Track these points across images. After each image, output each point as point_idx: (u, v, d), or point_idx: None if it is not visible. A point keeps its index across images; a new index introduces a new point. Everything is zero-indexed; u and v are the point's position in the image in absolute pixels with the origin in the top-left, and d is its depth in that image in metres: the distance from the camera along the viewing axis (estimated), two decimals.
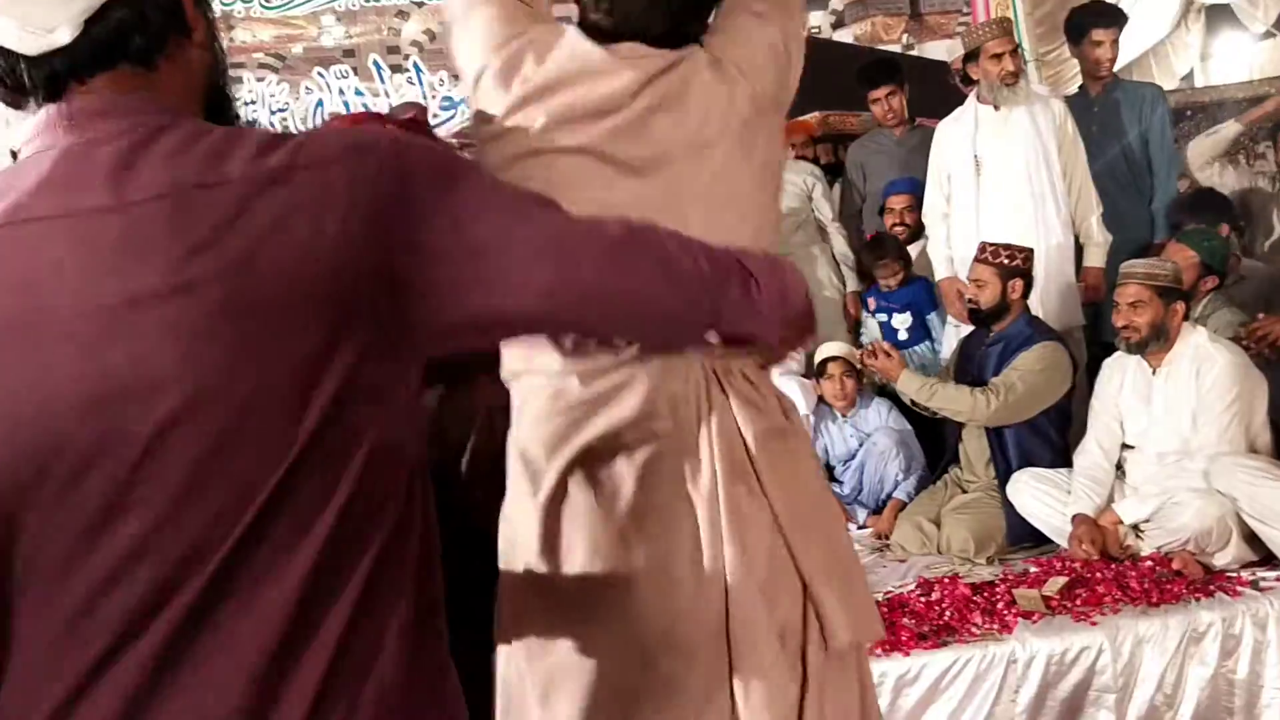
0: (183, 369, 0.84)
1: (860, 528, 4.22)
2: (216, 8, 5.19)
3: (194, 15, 0.98)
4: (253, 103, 5.87)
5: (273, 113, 5.90)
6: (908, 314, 4.69)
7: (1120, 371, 3.62)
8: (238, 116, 1.07)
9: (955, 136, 4.43)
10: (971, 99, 4.43)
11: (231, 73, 5.07)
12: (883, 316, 4.78)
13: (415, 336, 0.92)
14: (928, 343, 4.71)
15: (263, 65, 5.94)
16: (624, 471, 1.41)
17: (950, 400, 3.88)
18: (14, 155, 3.13)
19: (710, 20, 1.57)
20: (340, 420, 0.88)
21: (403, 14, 6.04)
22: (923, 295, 4.72)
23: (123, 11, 0.91)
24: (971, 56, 4.39)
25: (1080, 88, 4.87)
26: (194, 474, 0.85)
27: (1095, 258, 4.34)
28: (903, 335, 4.65)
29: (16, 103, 0.93)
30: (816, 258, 5.12)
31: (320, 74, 6.00)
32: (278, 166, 0.88)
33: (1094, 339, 4.36)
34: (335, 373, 0.87)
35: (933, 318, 4.70)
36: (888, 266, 4.68)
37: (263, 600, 0.86)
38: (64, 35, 0.89)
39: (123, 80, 0.92)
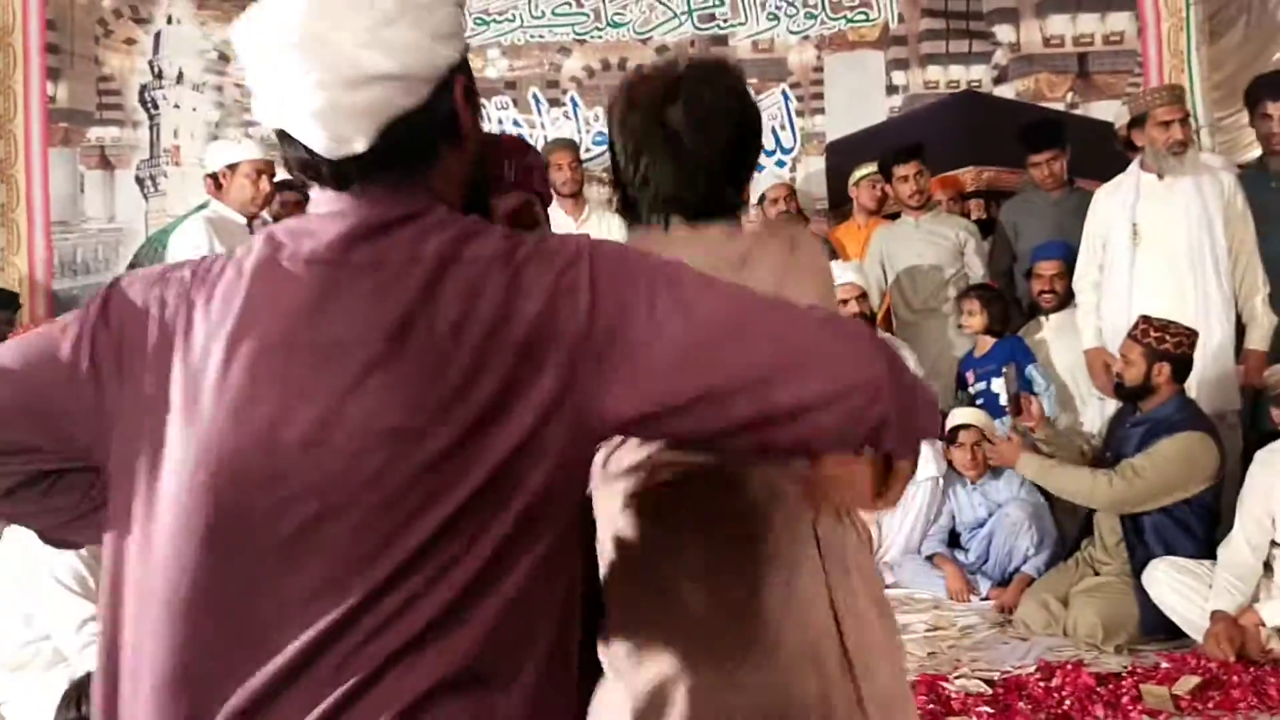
0: (383, 415, 0.97)
1: (983, 599, 4.10)
2: None
3: (467, 123, 1.10)
4: None
5: None
6: (1000, 378, 4.50)
7: (1273, 466, 3.42)
8: (488, 202, 1.24)
9: (1114, 203, 4.27)
10: (1134, 166, 4.27)
11: None
12: (981, 385, 4.63)
13: (596, 406, 1.00)
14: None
15: None
16: None
17: (1069, 482, 3.78)
18: (214, 178, 3.38)
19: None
20: (510, 472, 0.98)
21: (564, 50, 6.20)
22: (1016, 351, 4.52)
23: (406, 128, 1.03)
24: (1137, 122, 4.23)
25: (1258, 160, 4.65)
26: (375, 513, 0.97)
27: (1258, 340, 4.11)
28: (1004, 400, 4.46)
29: (305, 184, 1.09)
30: None
31: (482, 104, 6.20)
32: (497, 254, 1.02)
33: (1252, 424, 4.13)
34: (511, 432, 0.98)
35: (1033, 370, 4.48)
36: (968, 304, 4.58)
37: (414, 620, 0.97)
38: (360, 145, 1.02)
39: (395, 176, 1.05)
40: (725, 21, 6.26)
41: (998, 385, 4.51)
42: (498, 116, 6.22)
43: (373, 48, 0.99)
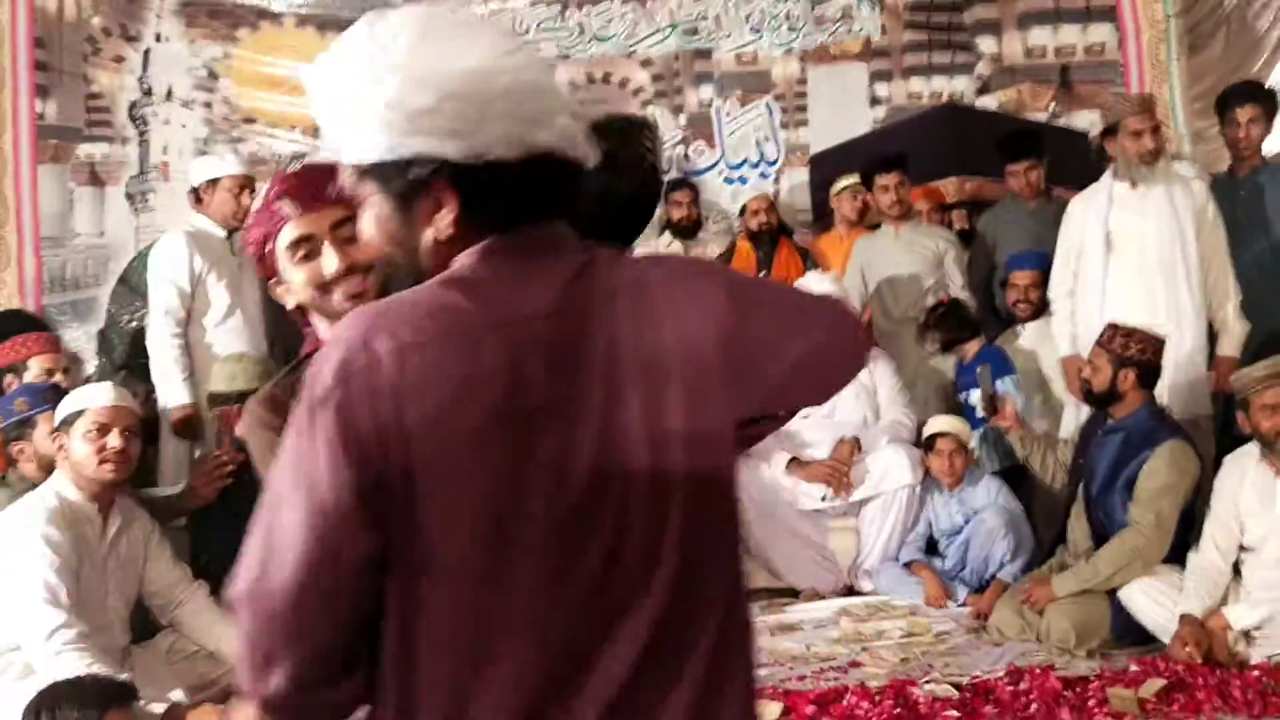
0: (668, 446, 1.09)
1: (959, 605, 4.12)
2: None
3: None
4: None
5: None
6: (976, 390, 4.51)
7: (1241, 470, 3.45)
8: None
9: (1088, 212, 4.30)
10: (1108, 175, 4.31)
11: None
12: (963, 395, 4.66)
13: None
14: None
15: None
16: None
17: (1114, 563, 3.57)
18: (195, 191, 3.40)
19: None
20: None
21: (550, 66, 6.25)
22: (994, 363, 4.53)
23: None
24: (1110, 131, 4.28)
25: (1229, 168, 4.70)
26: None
27: (1229, 346, 4.14)
28: (980, 413, 4.47)
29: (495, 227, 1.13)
30: None
31: None
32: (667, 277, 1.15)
33: (1223, 430, 4.15)
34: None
35: (1005, 382, 4.47)
36: (927, 333, 4.66)
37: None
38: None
39: None
40: (709, 35, 6.32)
41: (975, 397, 4.53)
42: None
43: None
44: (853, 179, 5.39)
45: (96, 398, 3.09)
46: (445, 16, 1.07)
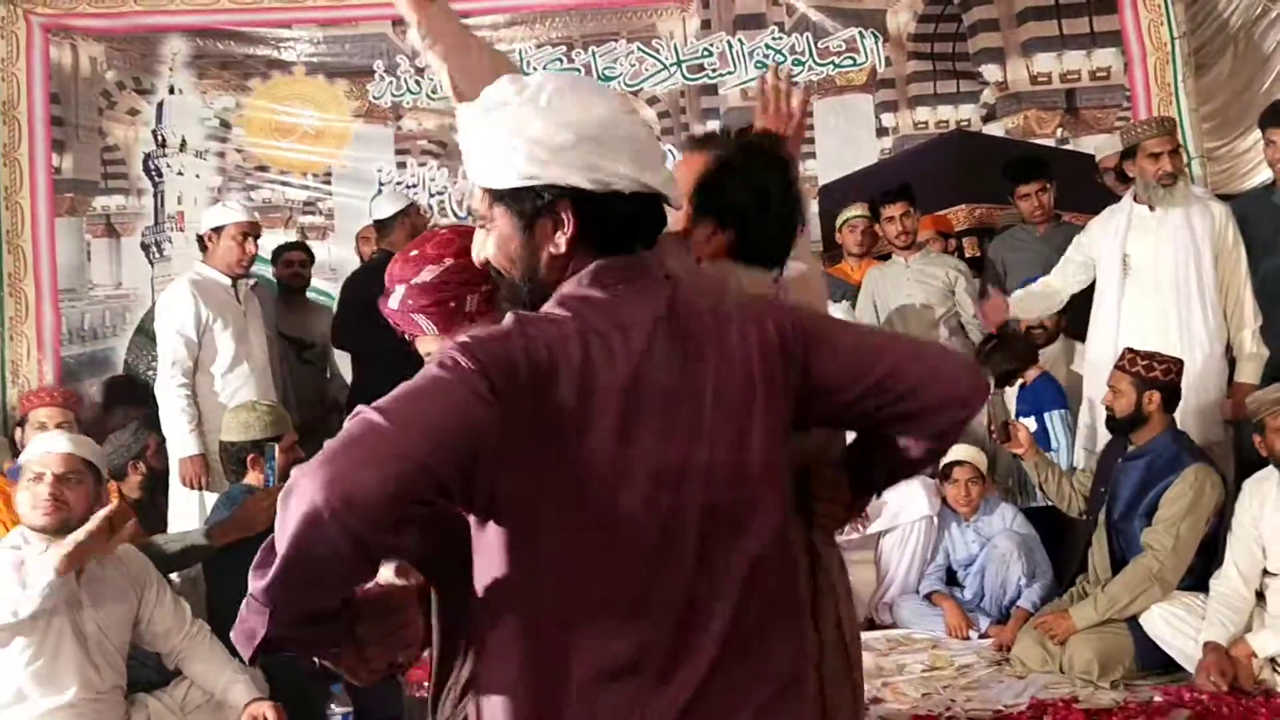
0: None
1: (981, 636, 4.07)
2: (388, 99, 5.42)
3: None
4: (414, 185, 6.20)
5: (431, 195, 6.22)
6: (1031, 417, 4.47)
7: (1262, 495, 3.41)
8: None
9: (1106, 233, 4.28)
10: (1127, 197, 4.29)
11: (397, 158, 5.22)
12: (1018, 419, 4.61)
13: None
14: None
15: (425, 151, 6.29)
16: None
17: (1130, 590, 3.56)
18: (200, 239, 3.40)
19: None
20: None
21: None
22: (1047, 394, 4.52)
23: None
24: (1129, 154, 4.26)
25: (1271, 182, 4.64)
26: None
27: (1247, 373, 4.08)
28: (1051, 436, 4.43)
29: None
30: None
31: None
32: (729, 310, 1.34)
33: (1242, 456, 4.09)
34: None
35: (1054, 417, 4.49)
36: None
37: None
38: None
39: None
40: (714, 71, 6.36)
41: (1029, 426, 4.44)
42: None
43: None
44: (853, 211, 5.39)
45: (35, 449, 3.12)
46: (575, 79, 1.33)
